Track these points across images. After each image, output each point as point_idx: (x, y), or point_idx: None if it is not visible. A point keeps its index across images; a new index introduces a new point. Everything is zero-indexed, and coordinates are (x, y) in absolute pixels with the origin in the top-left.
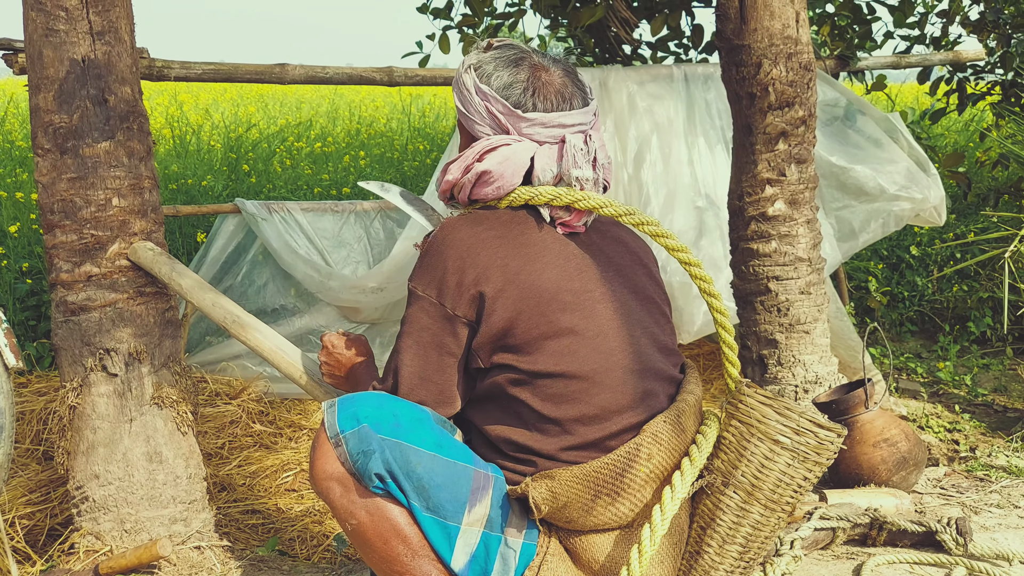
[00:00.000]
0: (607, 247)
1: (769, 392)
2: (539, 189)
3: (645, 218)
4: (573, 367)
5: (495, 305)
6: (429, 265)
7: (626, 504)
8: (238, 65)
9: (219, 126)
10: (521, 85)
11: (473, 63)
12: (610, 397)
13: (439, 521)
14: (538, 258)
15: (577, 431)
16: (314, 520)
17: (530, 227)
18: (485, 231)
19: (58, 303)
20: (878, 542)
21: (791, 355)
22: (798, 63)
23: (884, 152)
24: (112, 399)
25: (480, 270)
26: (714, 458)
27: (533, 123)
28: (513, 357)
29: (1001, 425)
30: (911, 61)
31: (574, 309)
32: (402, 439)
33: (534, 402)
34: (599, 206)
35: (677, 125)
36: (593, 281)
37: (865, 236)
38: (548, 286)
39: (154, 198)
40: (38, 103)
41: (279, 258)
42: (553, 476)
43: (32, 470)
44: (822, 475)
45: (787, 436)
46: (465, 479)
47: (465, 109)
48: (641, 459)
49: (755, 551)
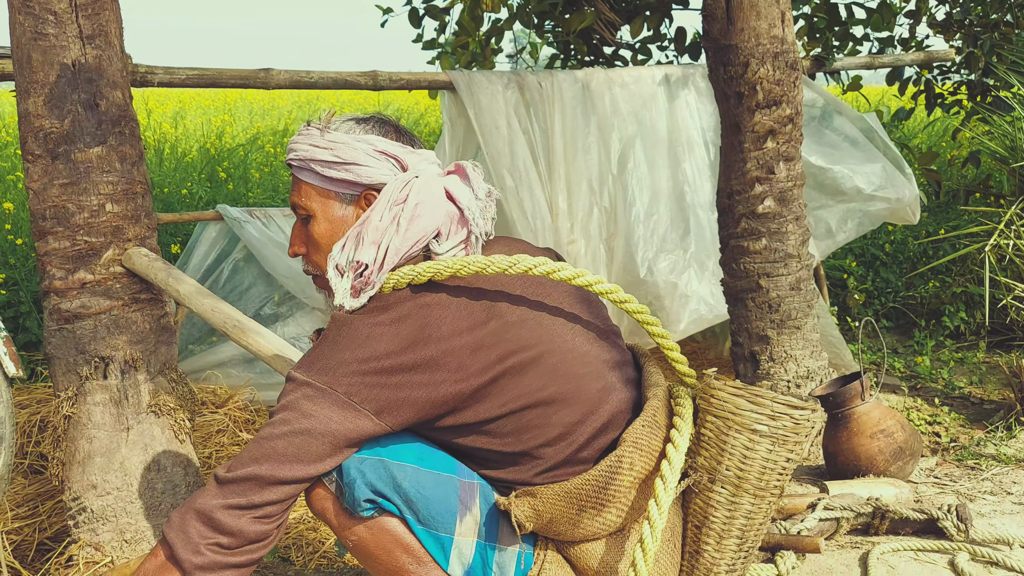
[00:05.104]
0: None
1: (738, 383)
2: (444, 262)
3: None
4: (519, 402)
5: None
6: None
7: (612, 513)
8: (222, 70)
9: (193, 134)
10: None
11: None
12: (567, 412)
13: (432, 533)
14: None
15: (545, 454)
16: (308, 527)
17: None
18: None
19: (51, 311)
20: (881, 531)
21: (783, 351)
22: (784, 62)
23: (860, 152)
24: (108, 408)
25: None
26: (696, 456)
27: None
28: (453, 418)
29: (979, 417)
30: (884, 61)
31: (496, 345)
32: (383, 455)
33: (494, 444)
34: (505, 268)
35: (660, 127)
36: (502, 308)
37: (842, 235)
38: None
39: (147, 203)
40: (27, 108)
41: (262, 258)
42: (535, 494)
43: (18, 484)
44: (807, 454)
45: (763, 424)
46: (452, 489)
47: (346, 160)
48: (624, 469)
49: (752, 539)
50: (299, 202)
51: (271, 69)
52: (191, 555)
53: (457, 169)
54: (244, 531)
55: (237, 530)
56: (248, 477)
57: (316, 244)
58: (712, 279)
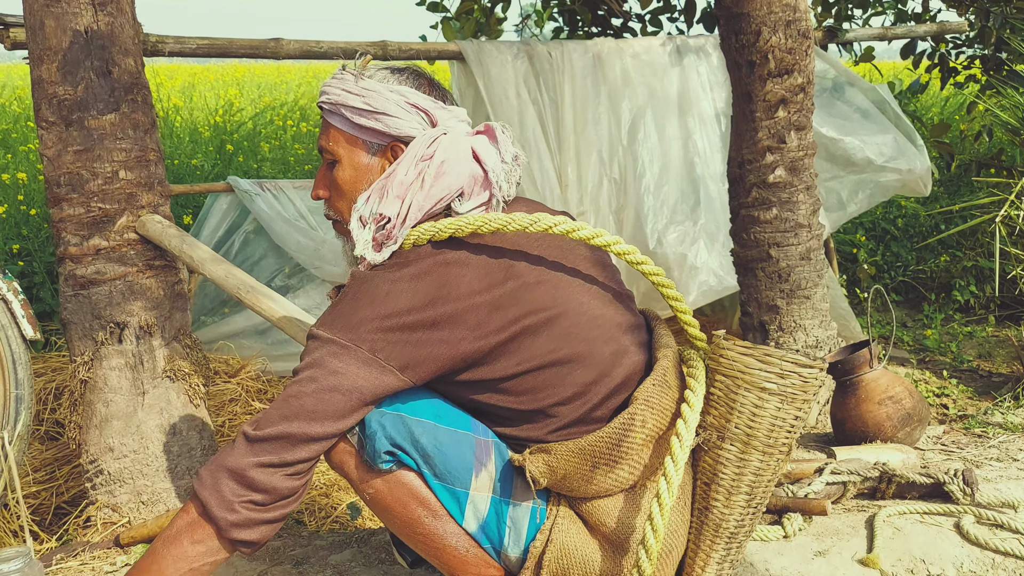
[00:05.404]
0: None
1: (747, 342)
2: (465, 218)
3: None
4: (535, 362)
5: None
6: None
7: (625, 469)
8: (233, 40)
9: (201, 108)
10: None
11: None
12: (582, 373)
13: (448, 488)
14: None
15: (560, 413)
16: (321, 493)
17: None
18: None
19: (67, 277)
20: (887, 495)
21: (792, 320)
22: (796, 30)
23: (872, 123)
24: (124, 372)
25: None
26: (705, 415)
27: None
28: (471, 374)
29: (987, 389)
30: (897, 33)
31: (513, 306)
32: (402, 411)
33: (509, 402)
34: (528, 225)
35: (671, 97)
36: (520, 268)
37: (853, 207)
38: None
39: (160, 171)
40: (41, 75)
41: (272, 231)
42: (549, 450)
43: (35, 449)
44: (815, 422)
45: (773, 381)
46: (468, 446)
47: (377, 109)
48: (636, 426)
49: (761, 496)
50: (326, 145)
51: (280, 39)
52: (226, 512)
53: (487, 130)
54: (277, 488)
55: (270, 487)
56: (279, 435)
57: (339, 189)
58: (722, 251)
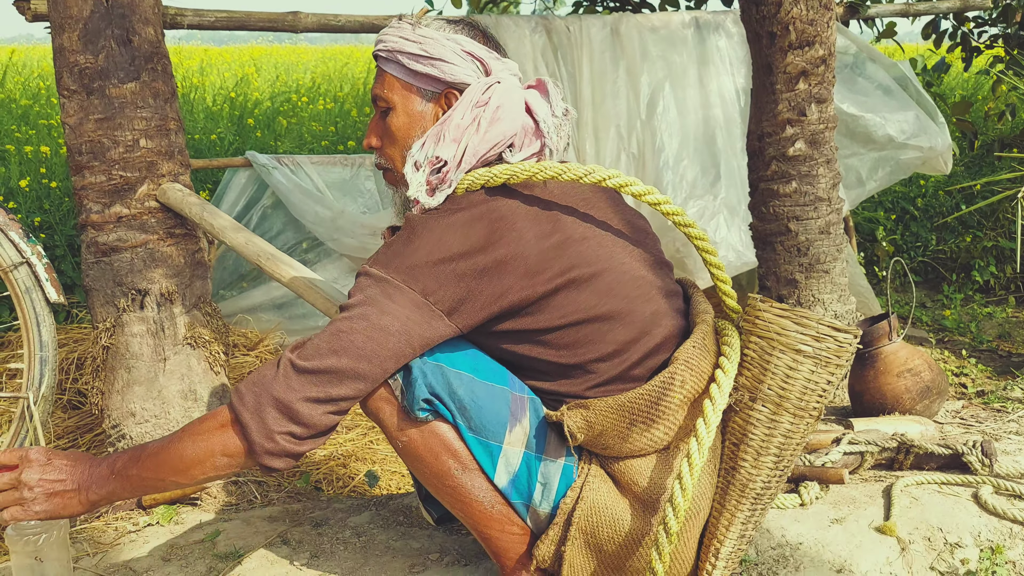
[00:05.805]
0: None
1: (783, 304)
2: (517, 166)
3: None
4: (576, 316)
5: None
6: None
7: (661, 429)
8: (251, 13)
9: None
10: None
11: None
12: (622, 331)
13: (482, 441)
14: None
15: (599, 369)
16: (338, 463)
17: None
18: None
19: (88, 244)
20: (905, 465)
21: (811, 294)
22: (818, 1)
23: (893, 100)
24: (146, 339)
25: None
26: (738, 376)
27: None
28: (514, 322)
29: (1006, 369)
30: (919, 9)
31: (559, 258)
32: (441, 361)
33: (549, 355)
34: (581, 176)
35: (690, 72)
36: (568, 223)
37: (873, 183)
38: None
39: (180, 140)
40: (62, 43)
41: (289, 203)
42: (588, 406)
43: (58, 417)
44: (843, 378)
45: (808, 344)
46: (503, 400)
47: (434, 55)
48: (675, 386)
49: (788, 458)
50: (381, 93)
51: (299, 12)
52: (264, 440)
53: (538, 84)
54: (318, 424)
55: (313, 423)
56: (329, 369)
57: (392, 137)
58: (742, 226)
